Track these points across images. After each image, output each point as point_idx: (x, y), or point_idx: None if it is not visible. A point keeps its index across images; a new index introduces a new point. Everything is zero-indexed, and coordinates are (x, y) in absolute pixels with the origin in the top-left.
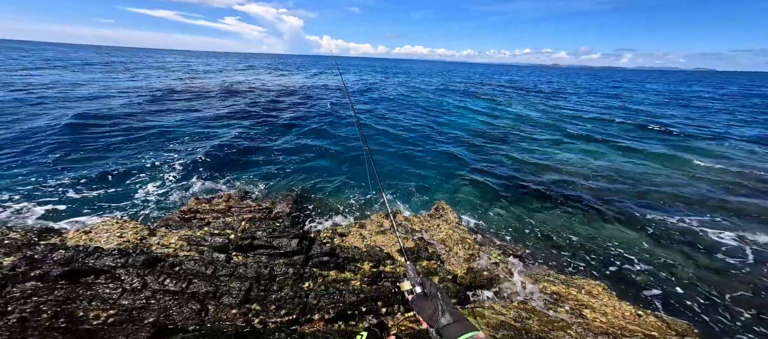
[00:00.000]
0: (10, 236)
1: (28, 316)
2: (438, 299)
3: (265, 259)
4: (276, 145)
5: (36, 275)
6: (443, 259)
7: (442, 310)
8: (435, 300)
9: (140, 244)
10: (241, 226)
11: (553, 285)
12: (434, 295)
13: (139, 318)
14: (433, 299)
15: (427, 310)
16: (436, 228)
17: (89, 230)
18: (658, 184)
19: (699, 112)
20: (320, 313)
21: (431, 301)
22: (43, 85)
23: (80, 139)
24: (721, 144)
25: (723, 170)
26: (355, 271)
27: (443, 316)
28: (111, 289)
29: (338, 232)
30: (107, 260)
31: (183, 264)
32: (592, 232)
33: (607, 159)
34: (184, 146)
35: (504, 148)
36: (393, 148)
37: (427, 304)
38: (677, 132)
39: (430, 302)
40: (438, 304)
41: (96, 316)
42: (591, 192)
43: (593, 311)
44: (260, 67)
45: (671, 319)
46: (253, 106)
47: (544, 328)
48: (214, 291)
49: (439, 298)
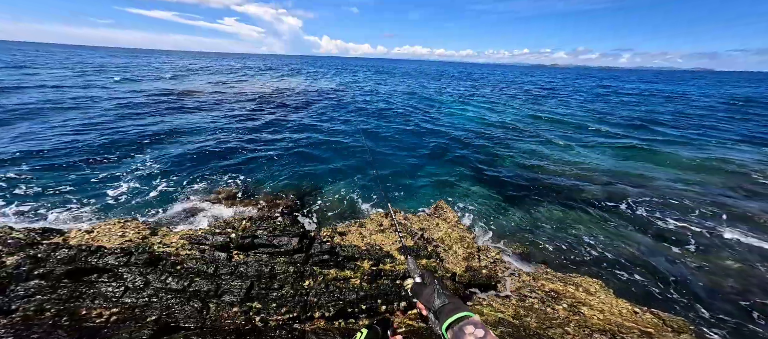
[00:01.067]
0: (13, 235)
1: (32, 314)
2: (435, 285)
3: (266, 257)
4: (276, 145)
5: (39, 274)
6: (442, 258)
7: (438, 293)
8: (431, 286)
9: (142, 243)
10: (242, 225)
11: (550, 282)
12: (431, 282)
13: (142, 316)
14: (430, 285)
15: (424, 294)
16: (435, 227)
17: (91, 230)
18: (656, 182)
19: (703, 116)
20: (321, 312)
21: (428, 286)
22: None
23: (80, 140)
24: (711, 143)
25: (717, 169)
26: (355, 269)
27: (439, 298)
28: (114, 287)
29: (338, 230)
30: (110, 259)
31: (185, 263)
32: (589, 231)
33: (604, 158)
34: (183, 147)
35: (503, 147)
36: (393, 148)
37: (424, 289)
38: (669, 131)
39: (427, 288)
40: (434, 288)
41: (99, 314)
42: (589, 191)
43: (591, 308)
44: (259, 68)
45: (667, 316)
46: (254, 106)
47: (542, 325)
48: (216, 289)
49: (435, 284)
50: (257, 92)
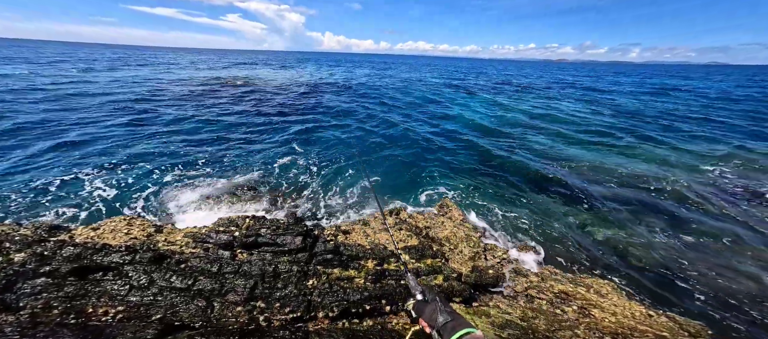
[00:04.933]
0: (21, 232)
1: (40, 311)
2: (436, 302)
3: (270, 256)
4: (279, 143)
5: (46, 271)
6: (448, 257)
7: (440, 311)
8: (434, 303)
9: (147, 241)
10: (245, 224)
11: (560, 284)
12: (433, 299)
13: (147, 315)
14: (433, 302)
15: (426, 311)
16: (440, 225)
17: (97, 227)
18: (672, 182)
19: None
20: (324, 311)
21: (430, 304)
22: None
23: (88, 136)
24: (733, 141)
25: (739, 166)
26: (358, 269)
27: (441, 315)
28: (119, 285)
29: (342, 229)
30: (115, 257)
31: (189, 261)
32: (600, 231)
33: (616, 157)
34: (187, 146)
35: (510, 145)
36: (397, 146)
37: (427, 306)
38: (689, 128)
39: (429, 305)
40: (436, 305)
41: (105, 312)
42: (600, 190)
43: (602, 311)
44: (262, 65)
45: (684, 320)
46: (256, 106)
47: (551, 328)
48: (220, 288)
49: (437, 302)
50: (261, 91)
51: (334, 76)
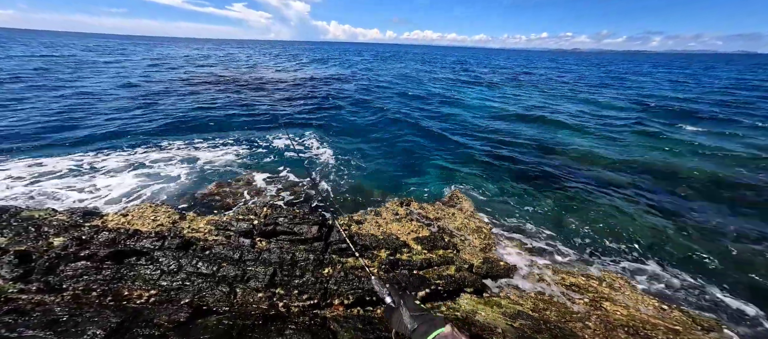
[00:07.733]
0: (58, 217)
1: (81, 293)
2: (401, 307)
3: (287, 245)
4: (291, 131)
5: (85, 255)
6: (459, 248)
7: (407, 316)
8: (399, 309)
9: (173, 228)
10: (264, 212)
11: (572, 276)
12: (399, 303)
13: (177, 299)
14: (398, 308)
15: (393, 320)
16: (450, 216)
17: (126, 213)
18: (688, 174)
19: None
20: (340, 299)
21: (396, 310)
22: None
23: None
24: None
25: (757, 160)
26: (372, 258)
27: (409, 320)
28: (151, 270)
29: (355, 219)
30: (145, 243)
31: (213, 248)
32: (614, 223)
33: (633, 148)
34: (208, 132)
35: (521, 135)
36: (406, 135)
37: (393, 314)
38: (711, 119)
39: (395, 312)
40: (402, 311)
41: (139, 295)
42: (614, 181)
43: (614, 304)
44: (268, 55)
45: (697, 314)
46: (268, 96)
47: (562, 319)
48: (242, 275)
49: (401, 306)
50: (272, 81)
51: (344, 67)
